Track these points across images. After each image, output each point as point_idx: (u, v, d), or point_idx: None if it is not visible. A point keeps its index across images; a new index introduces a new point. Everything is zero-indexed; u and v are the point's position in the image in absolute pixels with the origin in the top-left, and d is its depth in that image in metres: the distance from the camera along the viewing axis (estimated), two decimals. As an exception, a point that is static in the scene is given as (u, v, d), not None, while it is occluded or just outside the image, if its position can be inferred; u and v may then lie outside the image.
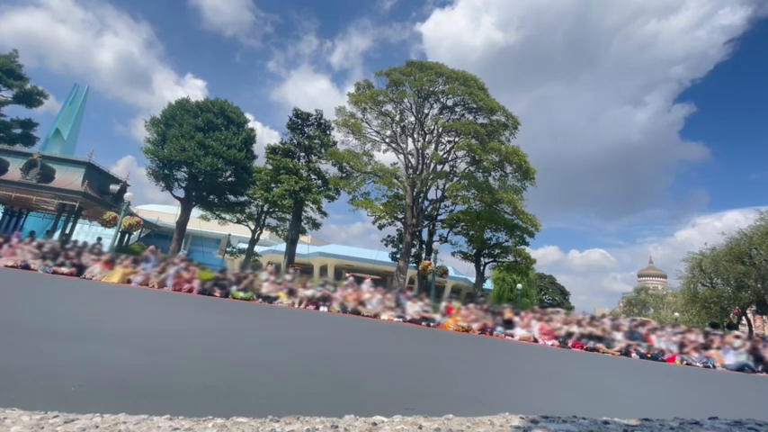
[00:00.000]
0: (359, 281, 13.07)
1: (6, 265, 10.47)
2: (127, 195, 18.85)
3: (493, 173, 23.35)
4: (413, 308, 11.51)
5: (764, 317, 34.12)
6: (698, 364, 9.52)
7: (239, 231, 30.53)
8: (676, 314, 34.70)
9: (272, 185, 24.16)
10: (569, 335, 10.70)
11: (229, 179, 23.70)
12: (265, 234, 29.61)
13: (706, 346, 10.41)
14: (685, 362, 9.87)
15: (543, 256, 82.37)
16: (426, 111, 23.48)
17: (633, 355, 10.24)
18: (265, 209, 26.39)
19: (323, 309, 10.90)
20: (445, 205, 24.46)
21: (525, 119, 24.15)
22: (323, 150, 25.19)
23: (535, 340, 10.49)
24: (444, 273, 22.63)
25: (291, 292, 11.28)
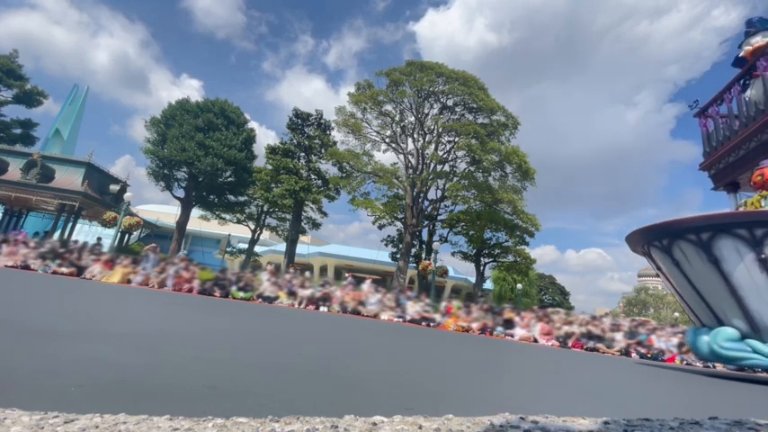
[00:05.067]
0: (359, 281, 13.07)
1: (6, 265, 10.47)
2: (127, 195, 18.86)
3: (493, 173, 23.37)
4: (413, 308, 11.52)
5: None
6: (698, 364, 9.52)
7: (239, 231, 30.55)
8: (676, 314, 34.68)
9: (272, 185, 24.18)
10: (569, 335, 10.71)
11: (229, 179, 23.71)
12: (265, 234, 29.63)
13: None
14: (685, 362, 9.87)
15: (540, 255, 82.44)
16: (426, 111, 23.50)
17: (633, 355, 10.25)
18: (265, 209, 26.41)
19: (323, 309, 10.91)
20: (445, 205, 24.49)
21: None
22: (323, 150, 25.20)
23: (535, 340, 10.50)
24: (444, 273, 22.64)
25: (291, 293, 11.30)
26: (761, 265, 4.72)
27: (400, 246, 23.84)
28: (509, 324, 11.18)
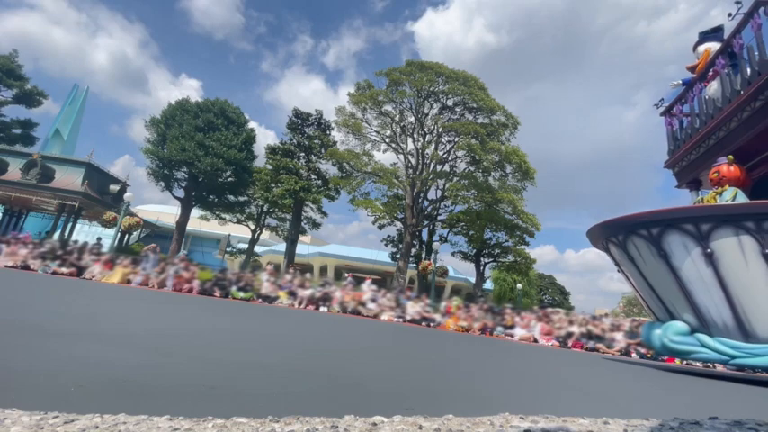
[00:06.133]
0: (359, 281, 13.08)
1: (6, 266, 10.47)
2: (127, 195, 18.85)
3: (493, 173, 23.37)
4: (413, 308, 11.52)
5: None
6: (698, 363, 9.52)
7: (239, 231, 30.53)
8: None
9: (272, 185, 24.18)
10: (569, 335, 10.71)
11: (229, 179, 23.71)
12: (265, 234, 29.61)
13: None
14: (685, 362, 9.86)
15: (540, 255, 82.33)
16: (426, 111, 23.49)
17: (633, 355, 10.24)
18: (265, 209, 26.40)
19: (323, 309, 10.91)
20: (445, 205, 24.49)
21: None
22: (323, 150, 25.20)
23: (535, 340, 10.50)
24: (444, 273, 22.65)
25: (292, 293, 11.30)
26: (706, 259, 4.76)
27: (400, 246, 23.84)
28: (509, 324, 11.18)
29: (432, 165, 22.65)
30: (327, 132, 26.04)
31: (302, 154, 25.75)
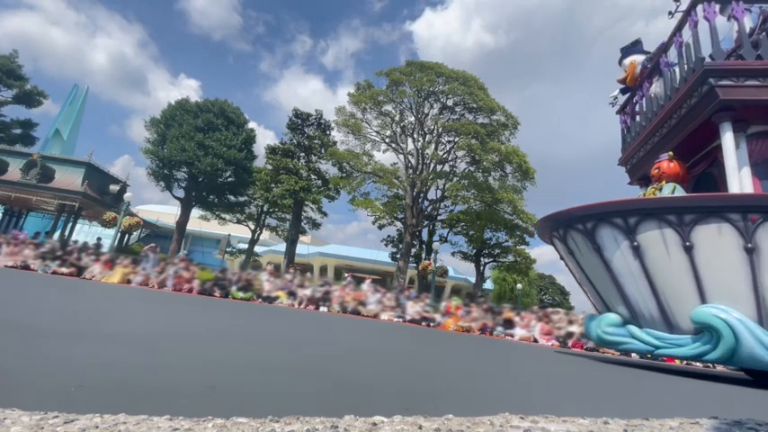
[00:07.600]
0: (359, 281, 13.07)
1: (6, 266, 10.47)
2: (127, 195, 18.84)
3: (493, 173, 23.36)
4: (413, 308, 11.52)
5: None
6: (698, 363, 9.52)
7: (239, 231, 30.52)
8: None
9: (272, 185, 24.17)
10: (569, 335, 10.71)
11: (229, 179, 23.70)
12: (265, 234, 29.61)
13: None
14: (685, 362, 9.86)
15: (540, 255, 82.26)
16: (426, 111, 23.49)
17: (633, 355, 10.24)
18: (265, 209, 26.39)
19: (323, 309, 10.91)
20: (445, 205, 24.49)
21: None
22: (323, 150, 25.20)
23: (535, 340, 10.50)
24: (444, 273, 22.64)
25: (291, 293, 11.30)
26: (634, 252, 4.85)
27: (400, 246, 23.84)
28: (509, 324, 11.18)
29: (432, 165, 22.65)
30: (327, 132, 26.04)
31: (302, 154, 25.75)
